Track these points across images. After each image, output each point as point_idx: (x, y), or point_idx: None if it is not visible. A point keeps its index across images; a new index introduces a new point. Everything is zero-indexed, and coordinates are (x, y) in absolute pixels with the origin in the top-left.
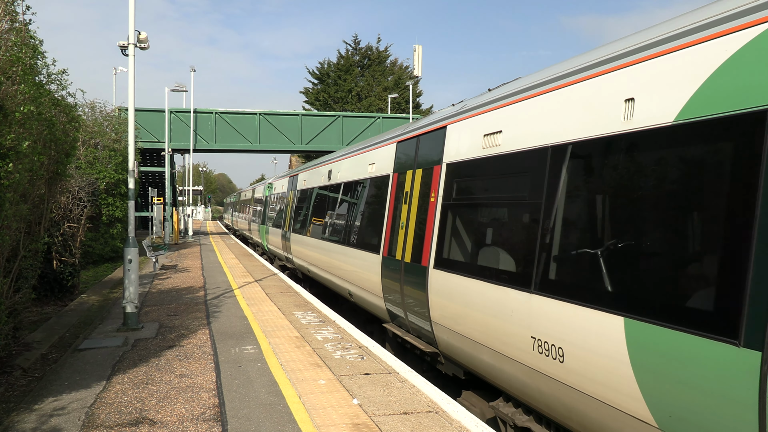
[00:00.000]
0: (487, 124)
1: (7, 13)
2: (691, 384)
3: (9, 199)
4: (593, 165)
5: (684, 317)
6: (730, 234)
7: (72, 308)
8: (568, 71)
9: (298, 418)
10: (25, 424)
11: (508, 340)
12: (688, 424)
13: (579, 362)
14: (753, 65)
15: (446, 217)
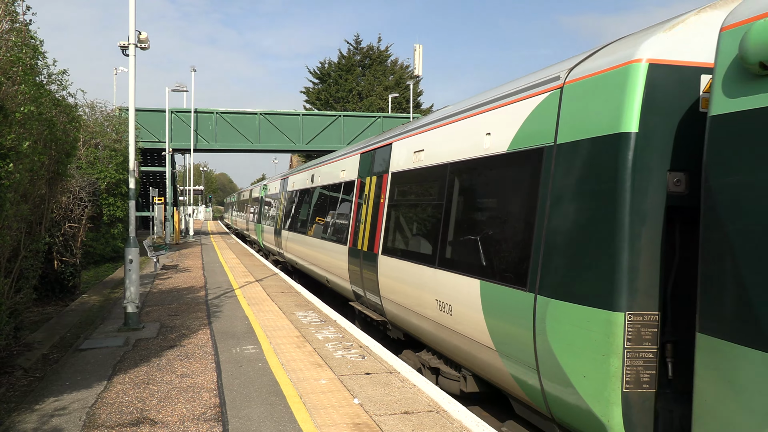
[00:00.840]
0: (415, 144)
1: (7, 13)
2: (507, 317)
3: (10, 200)
4: (469, 177)
5: (504, 277)
6: (526, 224)
7: (73, 308)
8: (459, 110)
9: (299, 418)
10: (26, 424)
11: (424, 304)
12: (506, 344)
13: (460, 313)
14: (538, 119)
15: (390, 215)
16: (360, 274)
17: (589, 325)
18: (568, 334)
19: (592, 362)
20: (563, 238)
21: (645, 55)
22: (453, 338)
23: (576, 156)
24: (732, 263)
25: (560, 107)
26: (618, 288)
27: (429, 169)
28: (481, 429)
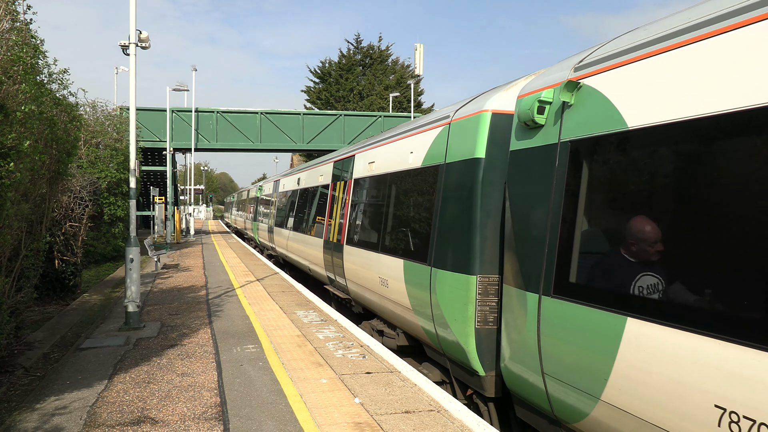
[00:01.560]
0: (370, 157)
1: (8, 12)
2: (417, 285)
3: (10, 199)
4: (400, 184)
5: (416, 256)
6: (429, 218)
7: (74, 307)
8: (398, 132)
9: (299, 417)
10: (27, 423)
11: (372, 282)
12: (417, 304)
13: (392, 286)
14: (437, 144)
15: (351, 212)
16: (332, 261)
17: (457, 285)
18: (446, 292)
19: (459, 310)
20: (445, 227)
21: (490, 107)
22: (389, 305)
23: (454, 171)
24: (514, 240)
25: (448, 137)
26: (473, 260)
27: (377, 177)
28: (482, 428)
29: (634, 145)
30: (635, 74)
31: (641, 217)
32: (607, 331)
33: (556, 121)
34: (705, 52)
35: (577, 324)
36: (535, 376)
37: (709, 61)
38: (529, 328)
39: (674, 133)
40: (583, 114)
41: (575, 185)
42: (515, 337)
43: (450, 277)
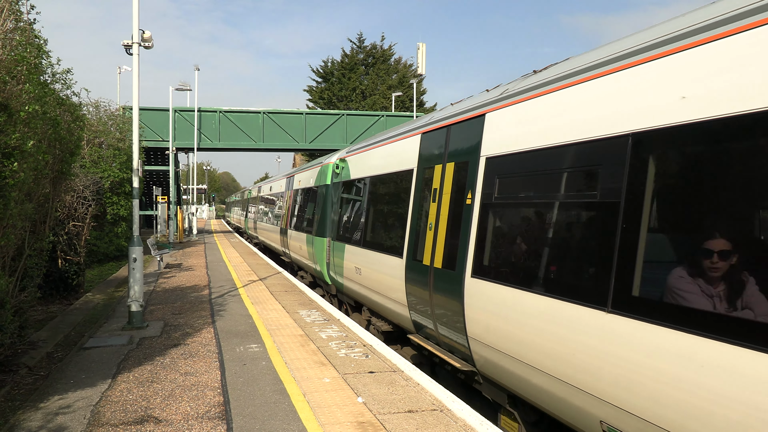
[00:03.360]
0: (299, 177)
1: (11, 12)
2: (309, 245)
3: (14, 198)
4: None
5: (310, 231)
6: (314, 213)
7: (77, 307)
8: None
9: (302, 417)
10: (31, 422)
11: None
12: (311, 256)
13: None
14: (319, 174)
15: (292, 210)
16: (284, 240)
17: (321, 243)
18: (318, 247)
19: (322, 257)
20: (318, 216)
21: (331, 161)
22: (303, 261)
23: (322, 190)
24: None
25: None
26: (326, 231)
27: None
28: (485, 428)
29: (356, 185)
30: (359, 158)
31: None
32: (340, 249)
33: (340, 172)
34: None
35: (336, 249)
36: (337, 277)
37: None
38: (330, 255)
39: (368, 180)
40: (344, 170)
41: (342, 199)
42: (330, 261)
43: (318, 239)
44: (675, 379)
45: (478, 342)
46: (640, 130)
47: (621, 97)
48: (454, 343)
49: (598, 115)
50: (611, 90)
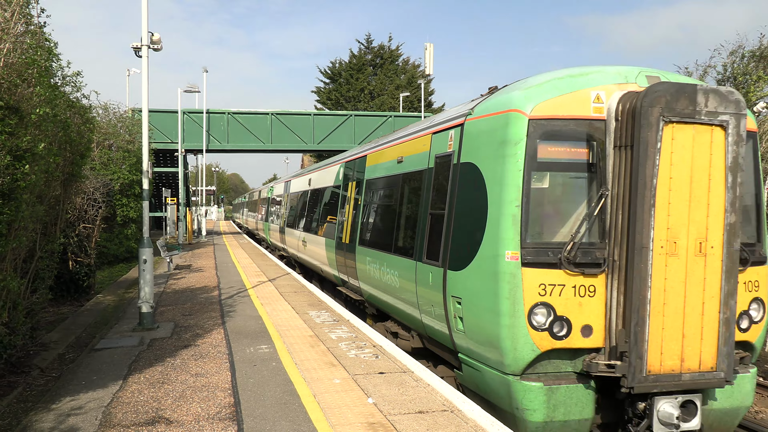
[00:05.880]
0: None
1: (22, 15)
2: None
3: (25, 201)
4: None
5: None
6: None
7: (88, 308)
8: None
9: (313, 417)
10: (43, 423)
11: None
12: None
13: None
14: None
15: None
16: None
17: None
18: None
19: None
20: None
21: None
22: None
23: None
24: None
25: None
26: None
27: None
28: (496, 428)
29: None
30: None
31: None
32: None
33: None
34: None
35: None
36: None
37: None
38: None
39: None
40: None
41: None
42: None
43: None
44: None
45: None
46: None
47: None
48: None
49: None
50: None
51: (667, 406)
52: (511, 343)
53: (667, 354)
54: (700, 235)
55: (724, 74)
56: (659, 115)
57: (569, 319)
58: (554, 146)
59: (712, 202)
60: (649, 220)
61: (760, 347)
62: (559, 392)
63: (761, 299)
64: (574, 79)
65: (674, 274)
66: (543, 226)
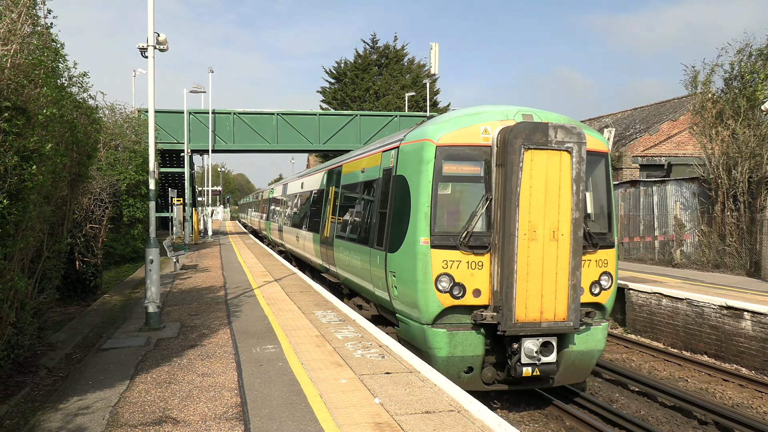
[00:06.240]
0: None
1: (29, 16)
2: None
3: (33, 201)
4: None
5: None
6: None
7: (95, 308)
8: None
9: (319, 417)
10: (50, 423)
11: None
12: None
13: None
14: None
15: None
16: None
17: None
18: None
19: None
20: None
21: None
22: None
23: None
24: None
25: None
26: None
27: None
28: (503, 428)
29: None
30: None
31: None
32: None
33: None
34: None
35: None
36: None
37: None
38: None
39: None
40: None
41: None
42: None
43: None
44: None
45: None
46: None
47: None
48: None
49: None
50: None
51: (530, 344)
52: (424, 302)
53: (530, 308)
54: (553, 226)
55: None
56: (521, 144)
57: (464, 284)
58: (454, 164)
59: (561, 203)
60: (515, 216)
61: (610, 307)
62: (457, 336)
63: (609, 272)
64: (470, 117)
65: (534, 253)
66: (446, 221)
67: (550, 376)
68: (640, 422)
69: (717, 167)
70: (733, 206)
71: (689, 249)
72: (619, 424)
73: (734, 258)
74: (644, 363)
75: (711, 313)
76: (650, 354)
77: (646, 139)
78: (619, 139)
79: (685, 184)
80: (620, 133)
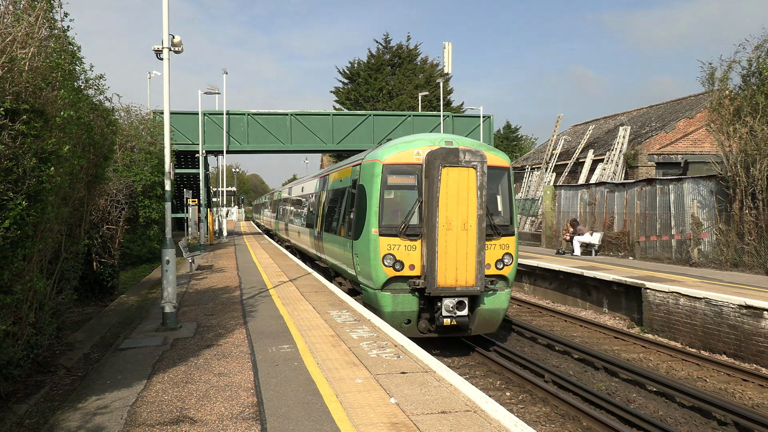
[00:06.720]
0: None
1: (46, 20)
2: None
3: (51, 202)
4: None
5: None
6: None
7: (112, 308)
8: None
9: (336, 417)
10: (70, 422)
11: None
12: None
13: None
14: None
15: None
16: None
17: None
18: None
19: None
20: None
21: None
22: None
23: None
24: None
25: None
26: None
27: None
28: (519, 429)
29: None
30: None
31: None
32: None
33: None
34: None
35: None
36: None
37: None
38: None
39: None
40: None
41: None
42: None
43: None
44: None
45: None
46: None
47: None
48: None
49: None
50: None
51: (448, 302)
52: (375, 274)
53: (448, 277)
54: (463, 220)
55: (749, 69)
56: (439, 163)
57: (403, 261)
58: (396, 177)
59: (469, 204)
60: (436, 213)
61: (512, 279)
62: (399, 297)
63: (510, 253)
64: (407, 143)
65: (450, 239)
66: (390, 217)
67: (467, 327)
68: (658, 422)
69: (735, 165)
70: (751, 204)
71: (707, 248)
72: (637, 424)
73: (753, 257)
74: (662, 363)
75: (730, 312)
76: (668, 354)
77: (662, 136)
78: (635, 137)
79: (702, 182)
80: (636, 131)
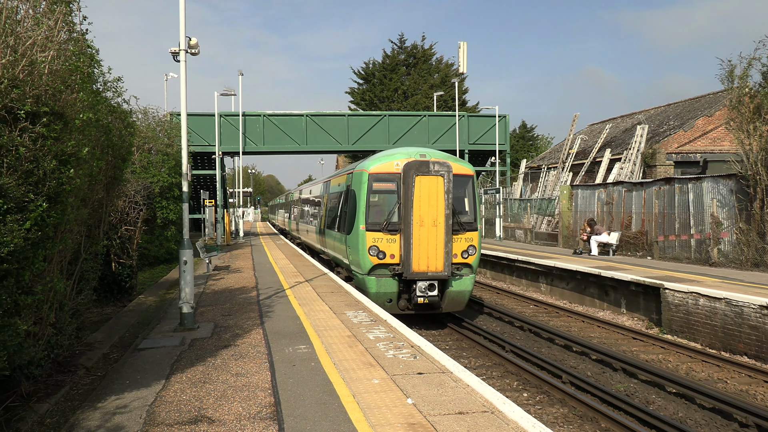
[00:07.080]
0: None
1: (65, 23)
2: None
3: (71, 204)
4: (309, 201)
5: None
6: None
7: (130, 309)
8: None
9: (353, 418)
10: (89, 422)
11: (306, 237)
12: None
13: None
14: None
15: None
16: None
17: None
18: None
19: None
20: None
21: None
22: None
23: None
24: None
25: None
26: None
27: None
28: (537, 430)
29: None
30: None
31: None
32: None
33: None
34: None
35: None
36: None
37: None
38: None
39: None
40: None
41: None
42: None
43: None
44: None
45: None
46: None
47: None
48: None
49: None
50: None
51: (422, 284)
52: (363, 262)
53: (421, 265)
54: (434, 218)
55: None
56: (413, 172)
57: (385, 251)
58: (379, 183)
59: (438, 205)
60: (411, 212)
61: (475, 266)
62: (381, 281)
63: (474, 245)
64: (389, 156)
65: (424, 234)
66: (375, 216)
67: (438, 305)
68: (678, 424)
69: (755, 163)
70: None
71: (727, 247)
72: (656, 426)
73: None
74: (681, 364)
75: (751, 313)
76: (687, 355)
77: (680, 135)
78: (653, 136)
79: (721, 181)
80: (653, 130)
